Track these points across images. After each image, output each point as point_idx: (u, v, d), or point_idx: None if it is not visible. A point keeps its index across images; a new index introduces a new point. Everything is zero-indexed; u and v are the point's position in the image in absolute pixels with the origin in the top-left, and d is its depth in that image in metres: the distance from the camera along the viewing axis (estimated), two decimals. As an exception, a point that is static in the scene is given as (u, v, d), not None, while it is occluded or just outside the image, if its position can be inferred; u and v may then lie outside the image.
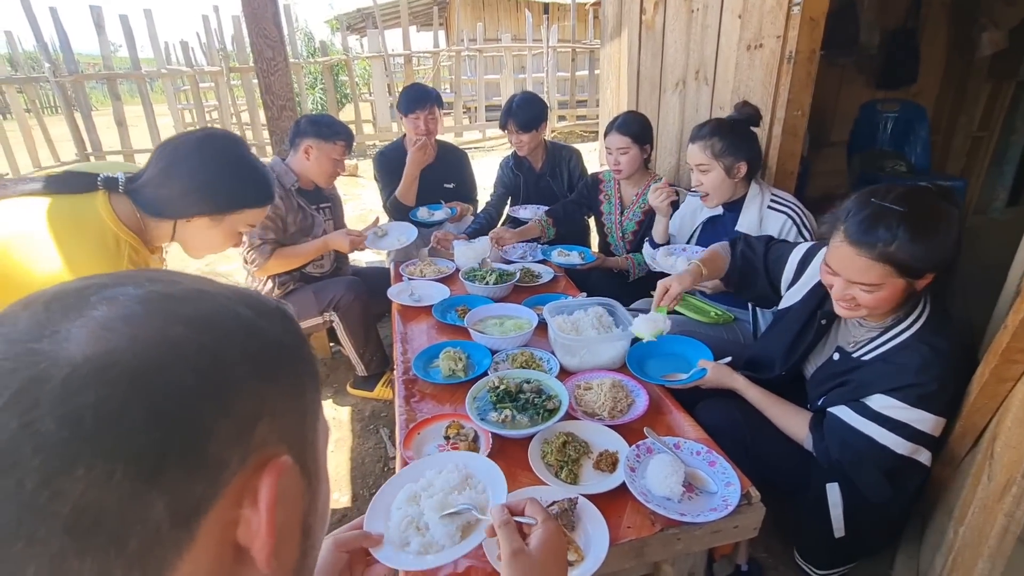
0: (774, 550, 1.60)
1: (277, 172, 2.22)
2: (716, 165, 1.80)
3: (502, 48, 8.42)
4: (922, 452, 1.19)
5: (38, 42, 6.56)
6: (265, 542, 0.32)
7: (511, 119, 2.54)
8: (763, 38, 2.09)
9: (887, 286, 1.16)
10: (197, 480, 0.29)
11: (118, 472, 0.26)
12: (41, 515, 0.25)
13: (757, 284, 1.63)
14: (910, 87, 3.81)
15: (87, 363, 0.27)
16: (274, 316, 0.37)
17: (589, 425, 1.32)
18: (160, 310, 0.31)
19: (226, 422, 0.30)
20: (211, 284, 0.36)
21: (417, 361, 1.59)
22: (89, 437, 0.26)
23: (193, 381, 0.29)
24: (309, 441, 0.38)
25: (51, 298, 0.31)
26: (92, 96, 7.66)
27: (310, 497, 0.39)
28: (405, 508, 0.95)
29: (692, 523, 1.05)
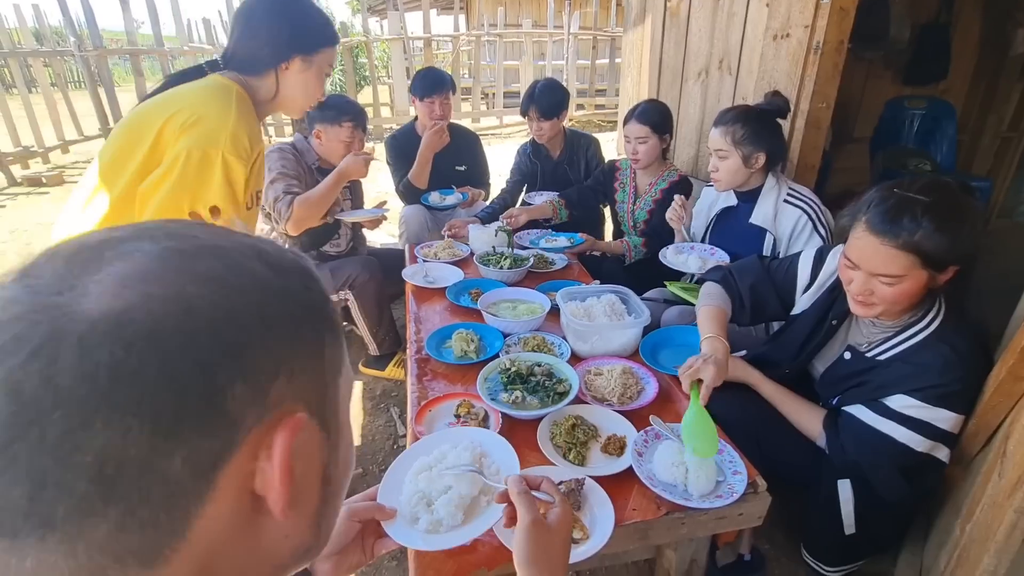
0: (777, 542, 1.61)
1: (300, 149, 2.24)
2: (734, 153, 1.79)
3: (522, 34, 8.34)
4: (940, 449, 1.19)
5: (64, 16, 6.62)
6: (280, 494, 0.33)
7: (533, 105, 2.52)
8: (790, 27, 2.06)
9: (910, 278, 1.14)
10: (214, 436, 0.30)
11: (134, 428, 0.27)
12: (65, 464, 0.27)
13: (768, 309, 1.56)
14: (939, 84, 3.72)
15: (103, 320, 0.28)
16: (292, 272, 0.37)
17: (598, 409, 1.33)
18: (175, 267, 0.31)
19: (241, 381, 0.31)
20: (229, 239, 0.36)
21: (430, 341, 1.61)
22: (105, 394, 0.27)
23: (207, 342, 0.30)
24: (329, 396, 0.39)
25: (73, 251, 0.32)
26: (115, 72, 7.73)
27: (330, 449, 0.39)
28: (416, 481, 0.95)
29: (697, 508, 1.06)
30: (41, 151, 6.37)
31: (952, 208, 1.12)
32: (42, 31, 7.24)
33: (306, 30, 1.36)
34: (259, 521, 0.34)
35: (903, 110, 3.58)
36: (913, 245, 1.10)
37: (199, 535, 0.31)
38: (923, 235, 1.09)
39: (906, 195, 1.13)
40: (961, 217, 1.11)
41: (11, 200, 5.23)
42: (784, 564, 1.56)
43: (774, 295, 1.55)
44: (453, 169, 2.80)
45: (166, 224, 0.36)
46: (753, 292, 1.56)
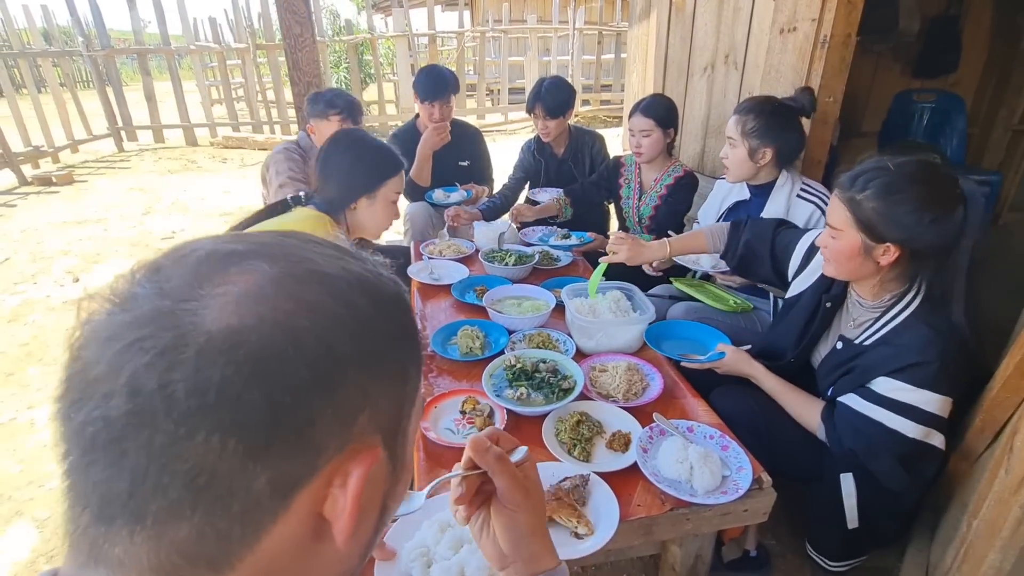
0: (783, 537, 1.61)
1: (304, 147, 2.25)
2: (741, 144, 1.78)
3: (527, 30, 8.31)
4: (935, 435, 1.18)
5: (72, 16, 6.69)
6: (346, 524, 0.34)
7: (539, 104, 2.51)
8: (797, 21, 2.04)
9: (846, 236, 1.22)
10: (298, 460, 0.31)
11: (230, 446, 0.29)
12: (165, 468, 0.28)
13: (759, 270, 1.65)
14: (949, 77, 3.68)
15: (219, 337, 0.29)
16: (389, 307, 0.37)
17: (603, 406, 1.33)
18: (289, 294, 0.33)
19: (330, 413, 0.32)
20: (338, 265, 0.37)
21: (436, 338, 1.62)
22: (211, 410, 0.28)
23: (307, 375, 0.31)
24: (402, 429, 0.39)
25: (201, 259, 0.33)
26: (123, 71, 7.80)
27: (393, 481, 0.40)
28: (424, 534, 0.90)
29: (702, 504, 1.07)
30: (51, 150, 6.44)
31: (907, 185, 1.14)
32: (51, 31, 7.29)
33: (366, 174, 1.56)
34: (321, 543, 0.35)
35: (912, 104, 3.54)
36: (853, 202, 1.19)
37: (265, 549, 0.32)
38: (865, 195, 1.17)
39: (881, 159, 1.18)
40: (912, 197, 1.13)
41: (22, 199, 5.28)
42: (790, 560, 1.56)
43: (768, 259, 1.60)
44: (456, 165, 2.80)
45: (284, 241, 0.37)
46: (747, 247, 1.64)
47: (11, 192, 5.52)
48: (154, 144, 7.38)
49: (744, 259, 1.65)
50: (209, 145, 7.37)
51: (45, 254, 3.99)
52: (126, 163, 6.59)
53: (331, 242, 0.40)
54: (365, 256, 0.40)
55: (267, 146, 7.11)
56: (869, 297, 1.31)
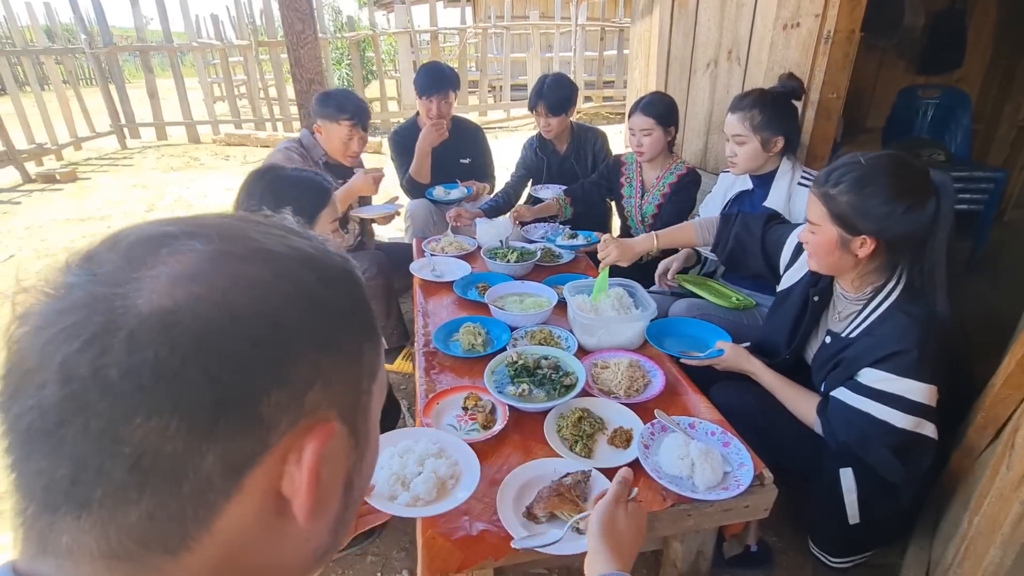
0: (785, 534, 1.61)
1: (306, 145, 2.25)
2: (753, 138, 1.79)
3: (529, 26, 8.29)
4: (925, 425, 1.19)
5: (75, 14, 6.70)
6: (305, 499, 0.34)
7: (541, 101, 2.50)
8: (800, 16, 2.03)
9: (823, 230, 1.25)
10: (247, 438, 0.31)
11: (172, 426, 0.28)
12: (106, 452, 0.28)
13: (749, 264, 1.67)
14: (954, 72, 3.65)
15: (151, 318, 0.29)
16: (339, 281, 0.37)
17: (605, 402, 1.34)
18: (225, 271, 0.32)
19: (279, 389, 0.32)
20: (282, 243, 0.36)
21: (438, 334, 1.62)
22: (147, 391, 0.28)
23: (250, 350, 0.30)
24: (362, 404, 0.39)
25: (133, 243, 0.33)
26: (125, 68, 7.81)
27: (357, 456, 0.40)
28: (389, 465, 1.07)
29: (703, 500, 1.07)
30: (54, 148, 6.45)
31: (878, 178, 1.17)
32: (54, 29, 7.30)
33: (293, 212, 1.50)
34: (283, 521, 0.35)
35: (916, 99, 3.52)
36: (827, 196, 1.22)
37: (223, 529, 0.32)
38: (838, 190, 1.20)
39: (855, 155, 1.21)
40: (882, 189, 1.16)
41: (26, 197, 5.31)
42: (791, 556, 1.56)
43: (759, 252, 1.62)
44: (457, 163, 2.79)
45: (223, 221, 0.36)
46: (736, 240, 1.67)
47: (15, 189, 5.54)
48: (157, 141, 7.40)
49: (734, 252, 1.68)
50: (212, 142, 7.38)
51: (49, 251, 4.01)
52: (129, 160, 6.60)
53: (276, 221, 0.39)
54: (312, 235, 0.39)
55: (269, 143, 7.12)
56: (851, 290, 1.34)
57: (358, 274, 0.40)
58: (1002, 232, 3.60)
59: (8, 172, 5.78)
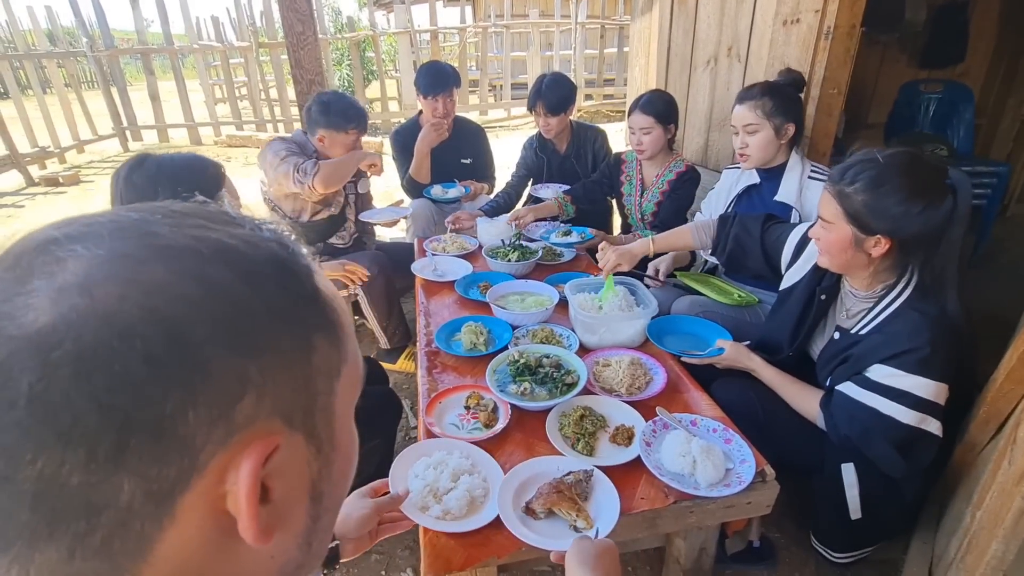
0: (787, 530, 1.61)
1: (299, 143, 2.23)
2: (766, 125, 1.78)
3: (529, 24, 8.28)
4: (930, 421, 1.19)
5: (76, 17, 6.72)
6: (247, 522, 0.30)
7: (540, 101, 2.50)
8: (800, 12, 2.03)
9: (837, 228, 1.23)
10: (167, 464, 0.27)
11: (68, 460, 0.25)
12: (6, 491, 0.25)
13: (749, 264, 1.67)
14: (956, 67, 3.64)
15: (25, 342, 0.25)
16: (263, 274, 0.32)
17: (607, 400, 1.34)
18: (119, 277, 0.28)
19: (195, 407, 0.28)
20: (190, 235, 0.31)
21: (440, 334, 1.63)
22: (27, 428, 0.25)
23: (144, 372, 0.26)
24: (320, 406, 0.35)
25: (18, 253, 0.29)
26: (127, 71, 7.83)
27: (321, 463, 0.36)
28: (424, 476, 1.10)
29: (705, 497, 1.07)
30: (57, 151, 6.48)
31: (894, 176, 1.15)
32: (55, 32, 7.33)
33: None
34: (237, 541, 0.31)
35: (919, 94, 3.51)
36: (842, 195, 1.21)
37: (164, 557, 0.29)
38: (854, 188, 1.18)
39: (870, 152, 1.20)
40: (899, 188, 1.15)
41: (29, 200, 5.33)
42: (794, 552, 1.56)
43: (759, 253, 1.62)
44: (458, 163, 2.80)
45: (121, 217, 0.31)
46: (735, 241, 1.67)
47: (19, 193, 5.57)
48: (159, 143, 7.42)
49: (733, 253, 1.68)
50: (213, 144, 7.40)
51: None
52: (132, 163, 6.62)
53: (196, 208, 0.34)
54: (244, 220, 0.34)
55: (271, 144, 7.13)
56: (862, 288, 1.33)
57: (301, 260, 0.35)
58: (1005, 227, 3.59)
59: (11, 175, 5.82)
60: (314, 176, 2.07)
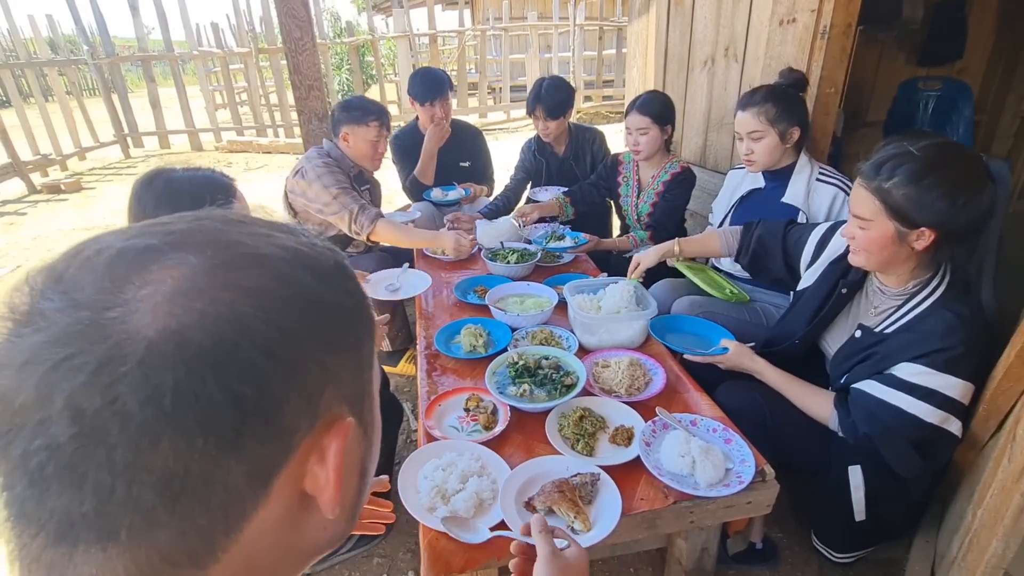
0: (789, 530, 1.61)
1: (335, 157, 2.23)
2: (771, 131, 1.77)
3: (528, 27, 8.29)
4: (952, 421, 1.17)
5: (77, 25, 6.76)
6: (332, 495, 0.35)
7: (539, 105, 2.50)
8: (796, 12, 2.03)
9: (877, 224, 1.20)
10: (271, 447, 0.31)
11: (198, 446, 0.28)
12: (132, 480, 0.27)
13: (771, 267, 1.65)
14: (955, 64, 3.63)
15: (161, 342, 0.28)
16: (334, 278, 0.36)
17: (606, 401, 1.34)
18: (224, 282, 0.31)
19: (295, 395, 0.32)
20: (269, 243, 0.35)
21: (439, 337, 1.63)
22: (170, 416, 0.27)
23: (263, 360, 0.30)
24: (366, 393, 0.40)
25: (113, 259, 0.30)
26: (128, 78, 7.87)
27: (366, 443, 0.41)
28: (432, 478, 1.11)
29: (705, 497, 1.07)
30: (59, 158, 6.51)
31: (936, 168, 1.13)
32: (56, 40, 7.37)
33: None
34: (305, 517, 0.36)
35: (917, 92, 3.50)
36: (882, 191, 1.16)
37: (250, 535, 0.32)
38: (893, 183, 1.15)
39: (902, 144, 1.17)
40: (943, 179, 1.12)
41: (32, 207, 5.36)
42: (796, 552, 1.56)
43: (780, 255, 1.61)
44: (457, 166, 2.81)
45: (204, 225, 0.34)
46: (759, 243, 1.66)
47: (21, 200, 5.60)
48: (160, 150, 7.45)
49: (756, 255, 1.67)
50: (214, 149, 7.43)
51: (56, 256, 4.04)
52: (133, 169, 6.65)
53: (256, 218, 0.38)
54: (295, 228, 0.38)
55: (271, 149, 7.16)
56: (894, 285, 1.29)
57: (347, 265, 0.39)
58: (1006, 223, 3.56)
59: (14, 183, 5.84)
60: (371, 231, 2.14)
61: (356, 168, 2.30)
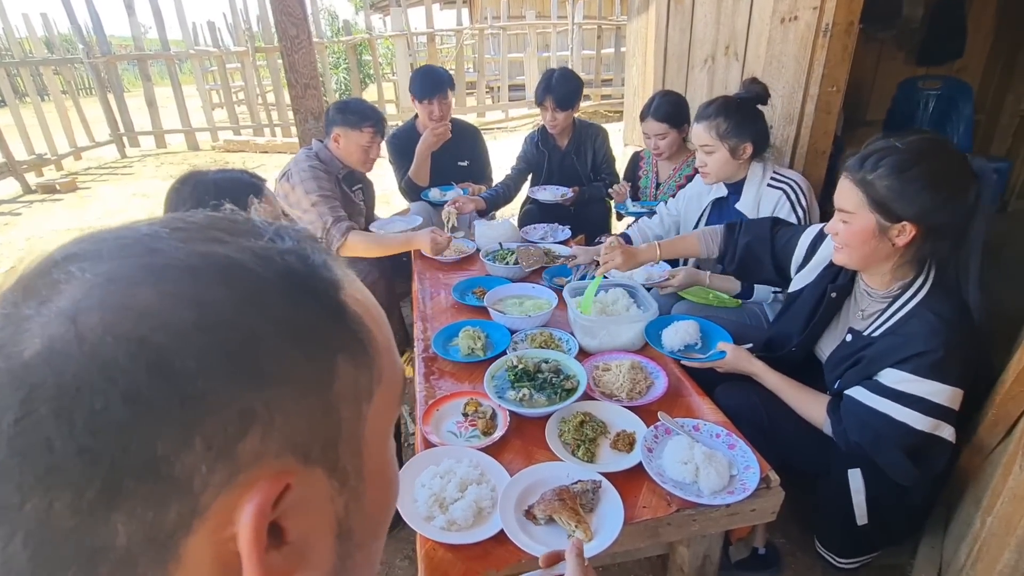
0: (792, 535, 1.59)
1: (323, 159, 2.20)
2: (721, 146, 1.76)
3: (526, 26, 8.26)
4: (944, 427, 1.16)
5: (72, 24, 6.71)
6: (250, 568, 0.27)
7: (549, 95, 2.51)
8: (798, 10, 2.01)
9: (859, 218, 1.19)
10: (166, 506, 0.25)
11: (56, 504, 0.23)
12: (1, 535, 0.24)
13: (760, 271, 1.64)
14: (954, 63, 3.62)
15: (12, 375, 0.24)
16: (272, 292, 0.29)
17: (607, 405, 1.32)
18: (109, 302, 0.25)
19: (190, 446, 0.25)
20: (197, 250, 0.29)
21: (437, 339, 1.61)
22: (10, 466, 0.23)
23: (126, 412, 0.24)
24: (344, 436, 0.31)
25: (27, 272, 0.27)
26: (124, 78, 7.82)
27: (347, 497, 0.32)
28: (429, 484, 1.08)
29: (708, 505, 1.05)
30: (54, 158, 6.46)
31: (920, 161, 1.13)
32: (52, 39, 7.32)
33: None
34: None
35: (917, 91, 3.49)
36: (865, 182, 1.16)
37: None
38: (876, 175, 1.15)
39: (887, 139, 1.17)
40: (925, 173, 1.12)
41: (26, 208, 5.31)
42: (799, 558, 1.54)
43: (769, 259, 1.59)
44: (455, 165, 2.78)
45: (134, 230, 0.29)
46: (747, 249, 1.63)
47: (15, 200, 5.55)
48: (156, 149, 7.41)
49: (744, 261, 1.64)
50: (211, 149, 7.39)
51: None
52: (129, 169, 6.61)
53: (218, 218, 0.31)
54: (268, 229, 0.32)
55: (268, 149, 7.12)
56: (879, 286, 1.29)
57: (324, 274, 0.32)
58: (1005, 223, 3.57)
59: (8, 183, 5.80)
60: (340, 245, 2.07)
61: (346, 169, 2.26)
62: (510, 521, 1.00)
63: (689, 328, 1.55)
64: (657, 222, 2.20)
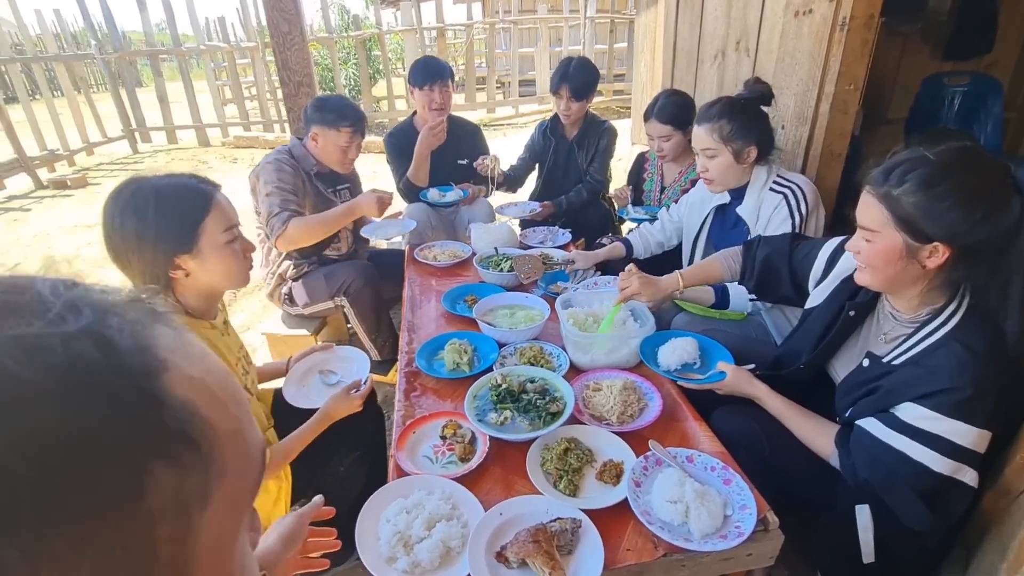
0: (795, 566, 1.48)
1: (296, 155, 2.14)
2: (724, 150, 1.65)
3: (538, 20, 8.13)
4: (966, 471, 1.04)
5: (85, 20, 6.74)
6: None
7: (565, 84, 2.46)
8: (813, 2, 1.88)
9: (884, 237, 1.07)
10: None
11: None
12: None
13: (779, 287, 1.50)
14: (983, 58, 3.43)
15: None
16: (38, 400, 0.23)
17: (595, 430, 1.23)
18: None
19: None
20: None
21: (421, 352, 1.53)
22: None
23: None
24: (163, 558, 0.26)
25: None
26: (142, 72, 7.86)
27: None
28: (395, 522, 1.00)
29: (699, 551, 0.96)
30: (66, 154, 6.51)
31: (951, 175, 0.99)
32: (63, 35, 7.37)
33: (166, 232, 1.12)
34: None
35: (942, 88, 3.31)
36: (890, 198, 1.05)
37: None
38: (903, 190, 1.03)
39: (917, 149, 1.04)
40: (957, 187, 0.98)
41: (37, 203, 5.35)
42: (804, 593, 1.43)
43: (787, 275, 1.47)
44: (455, 164, 2.70)
45: None
46: (765, 263, 1.51)
47: (27, 196, 5.60)
48: (167, 145, 7.43)
49: (763, 277, 1.52)
50: (221, 145, 7.39)
51: (56, 258, 4.02)
52: (140, 165, 6.64)
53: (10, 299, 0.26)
54: (54, 305, 0.25)
55: (277, 144, 7.07)
56: (906, 310, 1.16)
57: (132, 360, 0.26)
58: None
59: (20, 179, 5.85)
60: (278, 236, 1.98)
61: (318, 167, 2.18)
62: (479, 565, 0.92)
63: (688, 346, 1.44)
64: (659, 228, 2.10)
